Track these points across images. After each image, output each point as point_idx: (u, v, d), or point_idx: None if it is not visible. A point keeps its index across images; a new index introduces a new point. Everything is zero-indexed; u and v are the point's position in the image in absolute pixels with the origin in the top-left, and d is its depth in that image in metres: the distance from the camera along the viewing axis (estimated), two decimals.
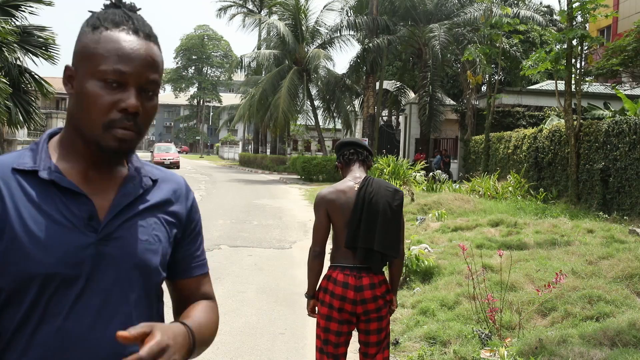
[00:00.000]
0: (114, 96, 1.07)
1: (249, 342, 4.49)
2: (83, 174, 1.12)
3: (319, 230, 2.81)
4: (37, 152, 1.11)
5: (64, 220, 1.06)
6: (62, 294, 1.06)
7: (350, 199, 2.76)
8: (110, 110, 1.07)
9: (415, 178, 15.76)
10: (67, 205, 1.07)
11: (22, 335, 1.06)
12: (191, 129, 76.44)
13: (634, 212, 9.54)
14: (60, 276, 1.05)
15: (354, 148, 2.94)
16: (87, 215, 1.09)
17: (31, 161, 1.09)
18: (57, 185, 1.08)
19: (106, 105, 1.07)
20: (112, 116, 1.07)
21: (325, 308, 2.75)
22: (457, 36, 23.33)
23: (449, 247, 6.96)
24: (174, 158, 34.38)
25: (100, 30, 1.09)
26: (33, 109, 12.73)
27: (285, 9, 27.99)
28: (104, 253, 1.09)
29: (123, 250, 1.12)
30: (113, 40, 1.08)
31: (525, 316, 4.28)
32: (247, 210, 13.33)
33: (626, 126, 9.97)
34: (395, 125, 32.18)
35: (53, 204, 1.07)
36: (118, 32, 1.09)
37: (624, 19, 21.72)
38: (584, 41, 12.02)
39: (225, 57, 70.40)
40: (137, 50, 1.08)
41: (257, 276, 6.74)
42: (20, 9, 12.41)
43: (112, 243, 1.10)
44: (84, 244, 1.07)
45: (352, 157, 2.92)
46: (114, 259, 1.10)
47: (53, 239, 1.05)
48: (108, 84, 1.07)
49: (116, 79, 1.07)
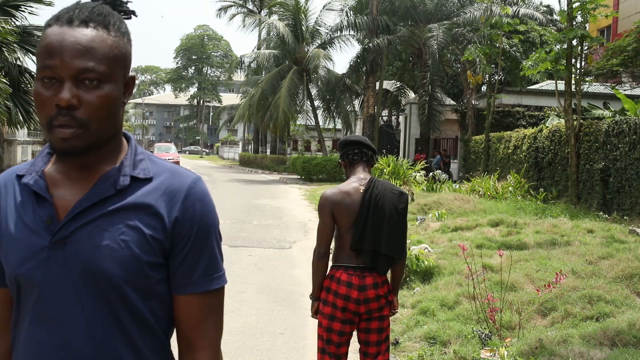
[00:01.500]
0: (50, 93, 1.01)
1: (249, 342, 4.49)
2: (66, 175, 1.11)
3: (324, 232, 2.79)
4: (37, 158, 1.14)
5: (31, 223, 1.08)
6: (26, 297, 1.09)
7: (355, 201, 2.75)
8: (50, 108, 1.01)
9: (415, 178, 15.75)
10: (35, 208, 1.09)
11: (14, 335, 1.13)
12: (191, 129, 76.43)
13: (634, 212, 9.54)
14: (23, 279, 1.08)
15: (359, 148, 2.88)
16: (47, 218, 1.07)
17: (27, 166, 1.13)
18: (30, 190, 1.11)
19: (45, 103, 1.02)
20: (51, 114, 1.02)
21: (328, 307, 2.74)
22: (457, 36, 23.32)
23: (449, 247, 6.96)
24: (174, 158, 34.30)
25: (45, 29, 1.05)
26: (33, 109, 12.70)
27: (285, 9, 27.98)
28: (57, 257, 1.05)
29: (76, 255, 1.05)
30: (44, 36, 1.03)
31: (525, 316, 4.28)
32: (247, 210, 13.33)
33: (626, 126, 9.97)
34: (395, 125, 32.18)
35: (28, 207, 1.09)
36: (53, 27, 1.04)
37: (624, 19, 21.72)
38: (584, 41, 12.02)
39: (225, 57, 70.40)
40: (63, 41, 1.01)
41: (257, 276, 6.74)
42: (20, 9, 12.40)
43: (67, 247, 1.05)
44: (38, 247, 1.06)
45: (356, 158, 2.88)
46: (67, 263, 1.05)
47: (19, 241, 1.08)
48: (45, 82, 1.02)
49: (48, 75, 1.01)
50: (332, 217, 2.77)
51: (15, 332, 1.12)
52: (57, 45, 1.01)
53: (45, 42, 1.02)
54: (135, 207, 1.08)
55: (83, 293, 1.06)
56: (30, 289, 1.07)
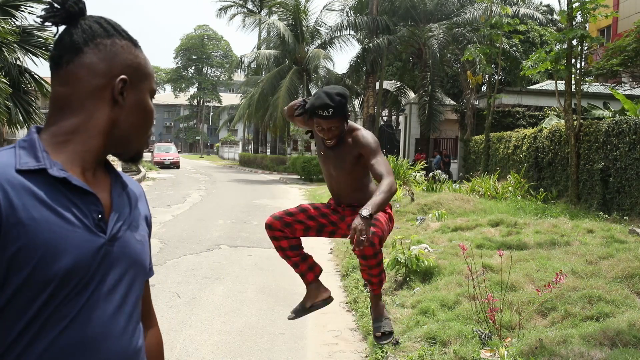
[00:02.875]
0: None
1: (249, 342, 4.49)
2: (80, 175, 1.09)
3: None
4: (36, 150, 1.05)
5: (76, 220, 1.03)
6: (73, 297, 1.03)
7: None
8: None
9: (415, 178, 15.75)
10: (77, 204, 1.05)
11: (19, 345, 0.99)
12: (191, 129, 76.43)
13: (634, 212, 9.54)
14: (76, 278, 1.02)
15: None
16: (97, 215, 1.07)
17: (34, 160, 1.04)
18: (66, 184, 1.04)
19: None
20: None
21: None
22: (457, 36, 23.33)
23: (449, 247, 6.95)
24: (174, 158, 34.37)
25: (136, 47, 1.16)
26: (33, 109, 12.72)
27: (285, 9, 27.99)
28: (110, 254, 1.08)
29: (124, 251, 1.11)
30: (147, 59, 1.18)
31: (525, 316, 4.28)
32: (247, 210, 13.33)
33: (626, 126, 9.97)
34: (395, 125, 32.19)
35: (63, 203, 1.03)
36: (139, 50, 1.18)
37: (624, 19, 21.72)
38: (584, 41, 12.02)
39: (225, 57, 70.39)
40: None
41: (257, 276, 6.74)
42: (20, 9, 12.40)
43: (116, 243, 1.10)
44: (97, 246, 1.05)
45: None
46: (118, 259, 1.10)
47: (68, 240, 1.02)
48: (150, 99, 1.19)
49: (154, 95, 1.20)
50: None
51: (17, 345, 0.99)
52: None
53: (150, 66, 1.19)
54: (138, 206, 1.22)
55: (129, 287, 1.12)
56: (81, 288, 1.03)
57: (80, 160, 1.09)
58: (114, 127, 1.12)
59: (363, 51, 24.55)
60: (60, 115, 1.10)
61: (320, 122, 2.75)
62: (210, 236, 9.37)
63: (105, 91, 1.10)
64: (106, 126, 1.11)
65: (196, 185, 21.08)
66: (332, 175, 2.99)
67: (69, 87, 1.10)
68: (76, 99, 1.09)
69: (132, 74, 1.13)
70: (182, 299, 5.59)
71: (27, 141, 1.07)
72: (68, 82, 1.10)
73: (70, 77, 1.10)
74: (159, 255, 7.71)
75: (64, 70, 1.10)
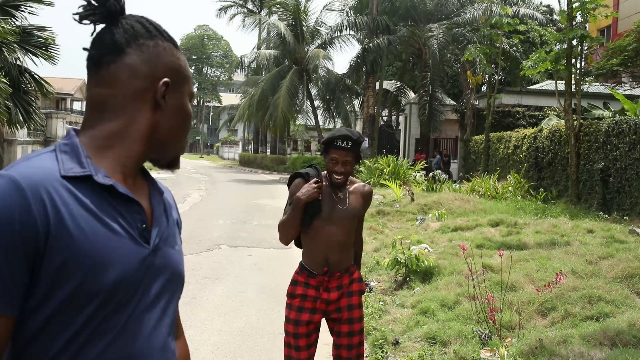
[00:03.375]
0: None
1: (249, 342, 4.49)
2: (122, 182, 1.04)
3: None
4: (80, 155, 1.00)
5: (122, 230, 0.99)
6: (118, 309, 0.98)
7: None
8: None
9: (415, 178, 15.76)
10: (122, 213, 1.00)
11: (64, 356, 0.95)
12: (191, 129, 76.44)
13: (634, 212, 9.54)
14: (123, 291, 0.98)
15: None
16: (142, 225, 1.03)
17: (78, 166, 0.98)
18: (111, 192, 1.00)
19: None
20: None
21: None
22: (457, 36, 23.33)
23: (449, 247, 6.95)
24: None
25: (177, 49, 1.13)
26: (33, 109, 12.72)
27: (285, 9, 27.99)
28: (154, 264, 1.05)
29: (165, 261, 1.08)
30: (186, 62, 1.15)
31: (525, 316, 4.28)
32: (247, 210, 13.33)
33: (626, 126, 9.97)
34: (395, 125, 32.19)
35: (109, 212, 0.99)
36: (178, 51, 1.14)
37: (624, 19, 21.71)
38: (584, 41, 12.02)
39: (225, 57, 70.42)
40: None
41: (257, 276, 6.74)
42: (20, 9, 12.40)
43: (158, 254, 1.06)
44: (143, 256, 1.01)
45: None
46: (160, 271, 1.06)
47: (116, 251, 0.97)
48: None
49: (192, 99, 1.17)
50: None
51: (62, 356, 0.95)
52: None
53: (188, 68, 1.16)
54: (173, 213, 1.20)
55: (169, 297, 1.10)
56: (127, 301, 0.99)
57: (122, 166, 1.05)
58: (154, 131, 1.08)
59: (363, 51, 24.55)
60: (100, 118, 1.05)
61: (337, 153, 2.72)
62: (210, 236, 9.37)
63: (148, 94, 1.06)
64: (148, 130, 1.07)
65: (196, 185, 21.08)
66: (323, 234, 2.75)
67: (110, 88, 1.04)
68: (117, 102, 1.05)
69: (174, 76, 1.09)
70: (182, 299, 5.57)
71: (68, 145, 1.02)
72: (109, 84, 1.05)
73: (112, 78, 1.05)
74: None
75: (105, 71, 1.04)
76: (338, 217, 2.74)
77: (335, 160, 2.72)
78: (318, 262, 2.77)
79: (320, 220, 2.72)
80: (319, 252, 2.76)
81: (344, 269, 2.79)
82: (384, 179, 15.19)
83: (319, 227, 2.73)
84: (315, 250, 2.78)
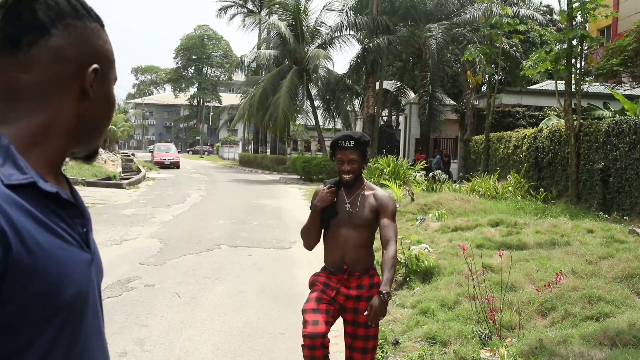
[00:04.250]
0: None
1: (249, 342, 4.49)
2: (53, 183, 0.93)
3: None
4: (16, 159, 0.86)
5: (71, 239, 0.90)
6: (76, 321, 0.92)
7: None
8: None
9: (415, 178, 15.77)
10: (65, 220, 0.91)
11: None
12: (191, 129, 76.45)
13: (634, 212, 9.54)
14: (80, 301, 0.91)
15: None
16: (83, 229, 0.95)
17: (17, 171, 0.85)
18: (55, 199, 0.89)
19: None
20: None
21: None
22: (457, 36, 23.34)
23: (449, 247, 6.96)
24: (174, 158, 34.39)
25: (103, 30, 0.99)
26: None
27: (285, 9, 27.99)
28: (92, 270, 0.97)
29: (98, 263, 1.01)
30: (111, 44, 1.00)
31: (525, 316, 4.28)
32: (247, 210, 13.32)
33: (626, 126, 9.97)
34: (395, 125, 32.20)
35: (56, 221, 0.89)
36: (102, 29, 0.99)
37: (624, 19, 21.72)
38: (584, 41, 12.03)
39: (225, 57, 70.44)
40: None
41: (257, 276, 6.74)
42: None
43: (95, 256, 0.99)
44: (89, 262, 0.94)
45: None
46: (97, 272, 1.00)
47: (71, 263, 0.89)
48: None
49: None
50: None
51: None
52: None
53: (112, 49, 1.02)
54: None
55: (99, 302, 1.02)
56: (81, 313, 0.93)
57: (49, 165, 0.93)
58: (79, 123, 0.95)
59: (363, 51, 24.56)
60: (16, 109, 0.90)
61: (342, 153, 2.90)
62: (210, 236, 9.37)
63: (74, 82, 0.93)
64: (74, 123, 0.95)
65: (196, 185, 21.08)
66: (340, 235, 2.91)
67: (30, 75, 0.90)
68: (39, 91, 0.91)
69: (103, 62, 0.97)
70: (182, 299, 5.59)
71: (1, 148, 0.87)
72: (29, 69, 0.90)
73: (32, 62, 0.90)
74: (159, 255, 7.71)
75: (24, 55, 0.89)
76: (350, 219, 2.90)
77: (341, 160, 2.91)
78: (336, 262, 2.94)
79: (335, 222, 2.91)
80: (336, 252, 2.93)
81: (363, 269, 2.94)
82: (384, 179, 15.20)
83: (335, 229, 2.93)
84: (333, 251, 2.95)
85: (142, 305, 5.34)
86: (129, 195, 16.16)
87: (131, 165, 28.02)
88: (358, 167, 2.91)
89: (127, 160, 29.49)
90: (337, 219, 2.90)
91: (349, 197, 2.93)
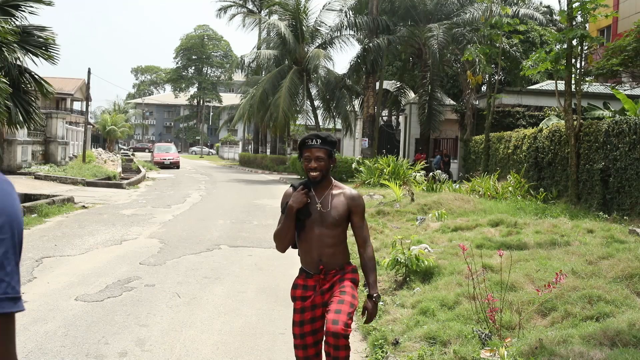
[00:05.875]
0: None
1: (249, 342, 4.49)
2: None
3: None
4: None
5: None
6: None
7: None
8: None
9: (415, 178, 15.76)
10: None
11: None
12: (191, 129, 76.43)
13: (634, 212, 9.54)
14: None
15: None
16: None
17: None
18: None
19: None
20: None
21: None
22: (457, 36, 23.33)
23: (449, 247, 6.95)
24: (174, 158, 34.40)
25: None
26: (33, 109, 12.71)
27: (285, 9, 27.97)
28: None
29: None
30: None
31: (525, 316, 4.28)
32: (247, 210, 13.32)
33: (626, 126, 9.97)
34: (395, 125, 32.18)
35: None
36: None
37: (624, 19, 21.72)
38: (584, 41, 12.02)
39: (225, 57, 70.47)
40: None
41: (257, 276, 6.74)
42: (20, 8, 12.39)
43: None
44: None
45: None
46: None
47: None
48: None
49: None
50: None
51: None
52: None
53: None
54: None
55: None
56: None
57: None
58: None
59: (363, 51, 24.55)
60: None
61: (309, 151, 2.95)
62: (210, 236, 9.37)
63: None
64: None
65: (196, 185, 21.07)
66: (315, 235, 2.98)
67: None
68: None
69: None
70: (182, 299, 5.58)
71: None
72: None
73: None
74: (159, 255, 7.71)
75: None
76: (322, 219, 2.97)
77: (308, 157, 2.97)
78: (312, 261, 3.03)
79: (309, 222, 2.98)
80: (313, 252, 3.01)
81: (338, 266, 3.03)
82: (384, 179, 15.19)
83: (309, 229, 2.99)
84: (308, 251, 3.03)
85: (142, 305, 5.34)
86: (129, 195, 16.16)
87: (131, 165, 28.04)
88: (325, 165, 2.96)
89: (127, 160, 29.51)
90: (310, 220, 2.97)
91: (319, 197, 3.00)
